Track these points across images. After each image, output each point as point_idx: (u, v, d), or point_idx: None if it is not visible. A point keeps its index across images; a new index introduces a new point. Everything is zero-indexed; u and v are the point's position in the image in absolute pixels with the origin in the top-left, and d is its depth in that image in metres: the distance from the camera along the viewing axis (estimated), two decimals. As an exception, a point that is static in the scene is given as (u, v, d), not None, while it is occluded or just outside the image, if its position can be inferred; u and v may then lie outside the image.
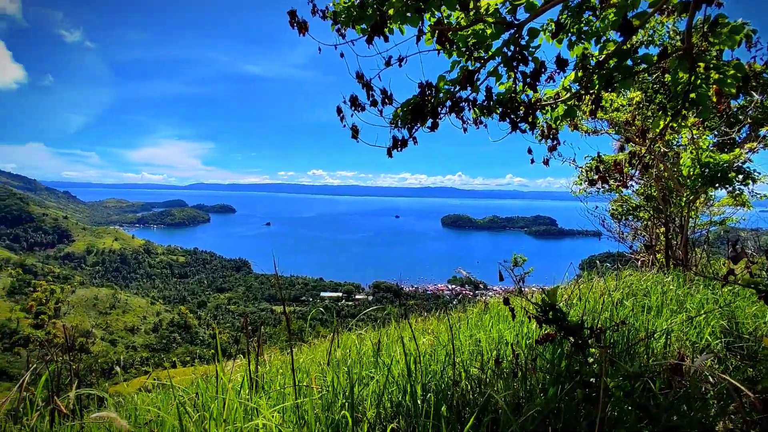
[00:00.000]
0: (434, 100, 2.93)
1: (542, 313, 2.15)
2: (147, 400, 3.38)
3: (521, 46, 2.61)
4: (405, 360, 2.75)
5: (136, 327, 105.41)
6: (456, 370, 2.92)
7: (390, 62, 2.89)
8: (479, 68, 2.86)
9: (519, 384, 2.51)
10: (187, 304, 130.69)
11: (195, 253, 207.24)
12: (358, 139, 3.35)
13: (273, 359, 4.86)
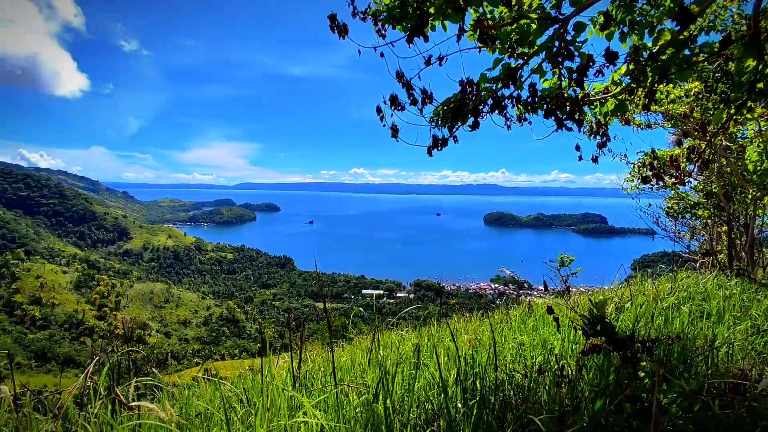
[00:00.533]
0: (475, 99, 2.87)
1: (589, 326, 2.04)
2: (198, 393, 3.53)
3: (567, 42, 2.49)
4: (440, 361, 2.72)
5: (188, 320, 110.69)
6: (498, 374, 2.86)
7: (430, 61, 2.85)
8: (522, 65, 2.77)
9: (564, 393, 2.42)
10: (234, 299, 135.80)
11: (242, 250, 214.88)
12: (398, 138, 3.34)
13: (316, 356, 4.94)
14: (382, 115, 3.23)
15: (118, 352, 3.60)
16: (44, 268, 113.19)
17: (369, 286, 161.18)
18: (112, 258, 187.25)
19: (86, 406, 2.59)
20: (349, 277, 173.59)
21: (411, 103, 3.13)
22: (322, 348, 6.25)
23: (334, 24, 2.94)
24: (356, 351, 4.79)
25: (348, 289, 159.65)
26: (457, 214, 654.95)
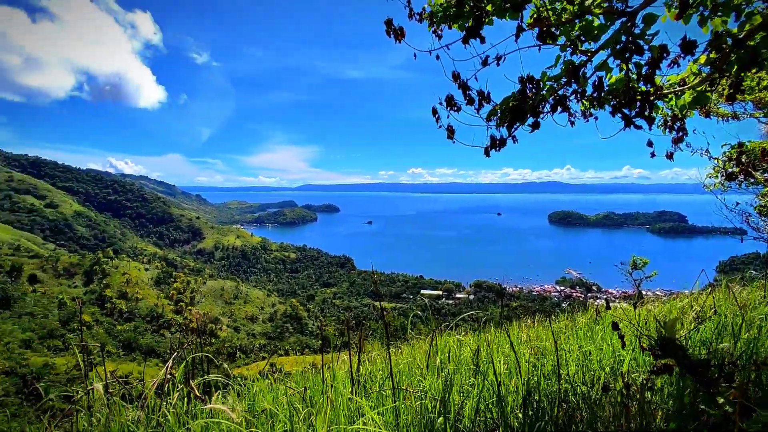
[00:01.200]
0: (535, 98, 2.76)
1: (659, 348, 1.86)
2: (264, 388, 3.68)
3: (635, 35, 2.32)
4: (499, 369, 2.64)
5: (255, 316, 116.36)
6: (561, 385, 2.73)
7: (487, 61, 2.78)
8: (585, 62, 2.62)
9: (634, 411, 2.25)
10: (297, 297, 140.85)
11: (304, 250, 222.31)
12: (453, 139, 3.30)
13: (375, 357, 4.99)
14: (438, 116, 3.20)
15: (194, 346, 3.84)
16: (129, 265, 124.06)
17: (428, 287, 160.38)
18: (187, 257, 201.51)
19: (166, 397, 2.81)
20: (407, 277, 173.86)
21: (467, 103, 3.08)
22: (381, 348, 6.30)
23: (390, 29, 2.96)
24: (415, 353, 4.79)
25: (406, 289, 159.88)
26: (520, 213, 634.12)
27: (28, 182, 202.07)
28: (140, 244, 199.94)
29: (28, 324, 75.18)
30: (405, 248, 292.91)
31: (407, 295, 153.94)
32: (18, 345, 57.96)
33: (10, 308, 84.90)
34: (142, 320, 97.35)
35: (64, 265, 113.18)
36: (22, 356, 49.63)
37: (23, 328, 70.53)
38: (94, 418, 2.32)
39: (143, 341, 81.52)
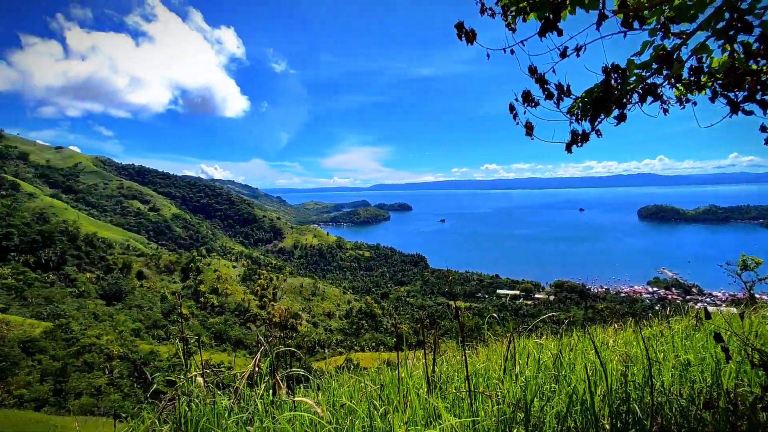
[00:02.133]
0: (621, 88, 2.56)
1: None
2: (343, 383, 3.79)
3: (741, 11, 2.04)
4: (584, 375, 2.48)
5: (332, 312, 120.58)
6: (655, 397, 2.51)
7: (566, 53, 2.63)
8: (680, 45, 2.37)
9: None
10: (372, 295, 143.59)
11: (378, 249, 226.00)
12: (532, 136, 3.17)
13: (450, 357, 4.95)
14: (515, 112, 3.10)
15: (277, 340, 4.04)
16: (219, 263, 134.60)
17: (504, 286, 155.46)
18: (269, 255, 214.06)
19: (255, 388, 3.01)
20: (482, 276, 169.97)
21: (546, 97, 2.95)
22: (457, 348, 6.23)
23: (461, 32, 2.91)
24: (492, 355, 4.68)
25: (481, 289, 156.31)
26: (605, 208, 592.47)
27: (135, 189, 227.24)
28: (228, 244, 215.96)
29: (137, 315, 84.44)
30: (479, 246, 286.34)
31: (482, 295, 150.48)
32: (129, 333, 65.41)
33: (123, 300, 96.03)
34: (231, 314, 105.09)
35: (165, 262, 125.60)
36: (133, 343, 55.99)
37: (133, 319, 79.37)
38: (193, 404, 2.56)
39: (232, 333, 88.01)
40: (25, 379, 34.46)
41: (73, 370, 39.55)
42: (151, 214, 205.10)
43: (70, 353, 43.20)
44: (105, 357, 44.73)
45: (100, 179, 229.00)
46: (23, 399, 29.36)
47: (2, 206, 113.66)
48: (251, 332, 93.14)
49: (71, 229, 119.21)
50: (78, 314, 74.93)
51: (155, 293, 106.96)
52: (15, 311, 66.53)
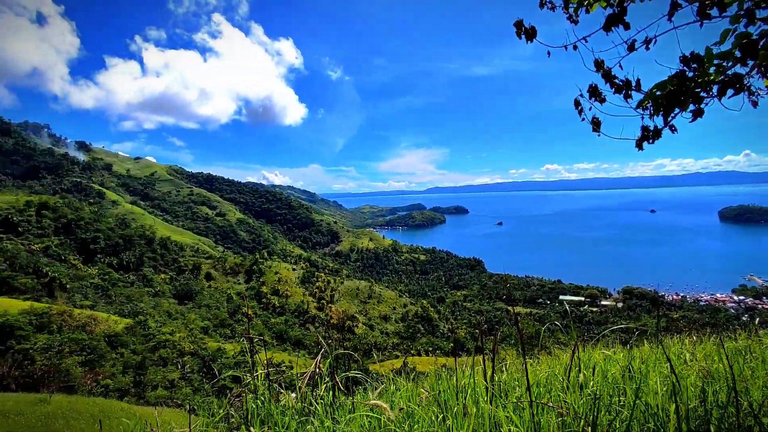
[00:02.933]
0: (699, 80, 2.36)
1: None
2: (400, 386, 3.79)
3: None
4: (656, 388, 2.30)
5: (388, 316, 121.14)
6: (741, 417, 2.28)
7: (634, 46, 2.47)
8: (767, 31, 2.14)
9: None
10: (428, 299, 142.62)
11: (433, 252, 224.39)
12: (599, 132, 3.02)
13: (510, 365, 4.80)
14: (581, 108, 2.97)
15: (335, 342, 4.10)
16: (280, 266, 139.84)
17: (567, 292, 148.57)
18: (327, 258, 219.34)
19: (315, 388, 3.09)
20: (543, 282, 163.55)
21: (614, 92, 2.80)
22: (517, 356, 6.03)
23: (520, 30, 2.83)
24: (554, 365, 4.48)
25: (542, 294, 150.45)
26: (680, 209, 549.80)
27: (203, 195, 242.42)
28: (288, 247, 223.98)
29: (206, 313, 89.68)
30: (540, 250, 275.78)
31: (543, 301, 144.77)
32: (199, 331, 69.58)
33: (193, 300, 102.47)
34: (291, 314, 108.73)
35: (230, 264, 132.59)
36: (202, 340, 59.45)
37: (202, 317, 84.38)
38: (258, 401, 2.68)
39: (292, 333, 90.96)
40: (110, 370, 37.67)
41: (150, 363, 42.71)
42: (217, 218, 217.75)
43: (148, 348, 46.70)
44: (178, 353, 47.89)
45: (173, 187, 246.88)
46: (109, 388, 32.05)
47: (90, 213, 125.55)
48: (310, 333, 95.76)
49: (148, 234, 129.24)
50: (154, 312, 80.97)
51: (222, 293, 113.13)
52: (101, 308, 73.05)
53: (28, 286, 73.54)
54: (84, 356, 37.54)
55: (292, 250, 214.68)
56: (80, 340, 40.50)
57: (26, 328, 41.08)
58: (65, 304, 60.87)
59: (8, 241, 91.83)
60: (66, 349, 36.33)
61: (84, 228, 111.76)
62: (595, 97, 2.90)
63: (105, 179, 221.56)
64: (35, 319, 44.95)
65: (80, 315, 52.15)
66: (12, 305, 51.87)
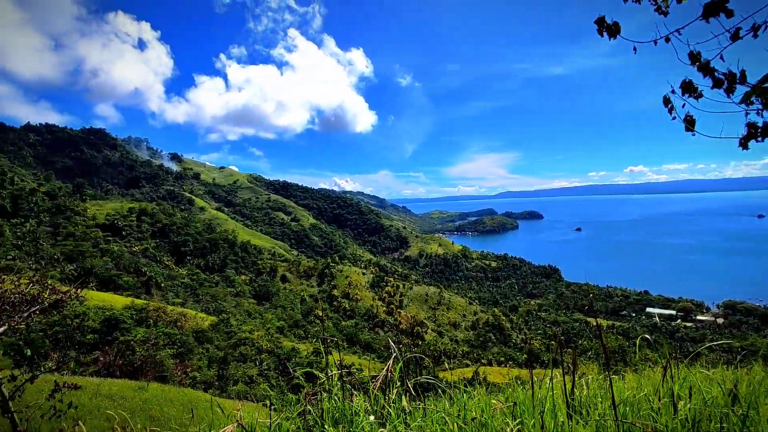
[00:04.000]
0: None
1: None
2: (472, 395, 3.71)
3: None
4: None
5: (458, 323, 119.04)
6: None
7: (738, 34, 2.23)
8: None
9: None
10: (499, 307, 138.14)
11: (505, 259, 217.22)
12: (693, 131, 2.77)
13: (590, 381, 4.51)
14: (671, 106, 2.74)
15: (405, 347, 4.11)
16: (350, 270, 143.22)
17: (655, 304, 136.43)
18: (396, 263, 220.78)
19: (387, 392, 3.12)
20: (628, 292, 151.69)
21: (713, 86, 2.55)
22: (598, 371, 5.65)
23: (602, 27, 2.68)
24: (642, 383, 4.14)
25: (627, 306, 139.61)
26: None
27: (279, 201, 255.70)
28: (358, 252, 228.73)
29: (281, 314, 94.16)
30: (624, 258, 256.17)
31: (628, 313, 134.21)
32: (275, 330, 73.18)
33: (270, 300, 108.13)
34: (360, 318, 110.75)
35: (303, 268, 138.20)
36: (278, 340, 62.43)
37: (278, 317, 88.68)
38: (332, 400, 2.76)
39: (362, 337, 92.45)
40: (197, 363, 40.80)
41: (231, 359, 45.68)
42: (292, 224, 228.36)
43: (230, 345, 49.98)
44: (256, 350, 50.73)
45: (252, 194, 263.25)
46: (196, 380, 34.71)
47: (181, 218, 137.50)
48: (379, 337, 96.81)
49: (231, 238, 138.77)
50: (235, 311, 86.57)
51: (296, 295, 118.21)
52: (190, 306, 79.48)
53: (130, 283, 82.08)
54: (175, 349, 41.09)
55: (362, 255, 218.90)
56: (172, 335, 44.42)
57: (128, 321, 45.84)
58: (160, 301, 67.15)
59: (114, 244, 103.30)
60: (160, 342, 40.02)
61: (176, 232, 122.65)
62: (689, 93, 2.66)
63: (194, 187, 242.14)
64: (135, 313, 50.04)
65: (173, 311, 57.23)
66: (117, 300, 58.26)
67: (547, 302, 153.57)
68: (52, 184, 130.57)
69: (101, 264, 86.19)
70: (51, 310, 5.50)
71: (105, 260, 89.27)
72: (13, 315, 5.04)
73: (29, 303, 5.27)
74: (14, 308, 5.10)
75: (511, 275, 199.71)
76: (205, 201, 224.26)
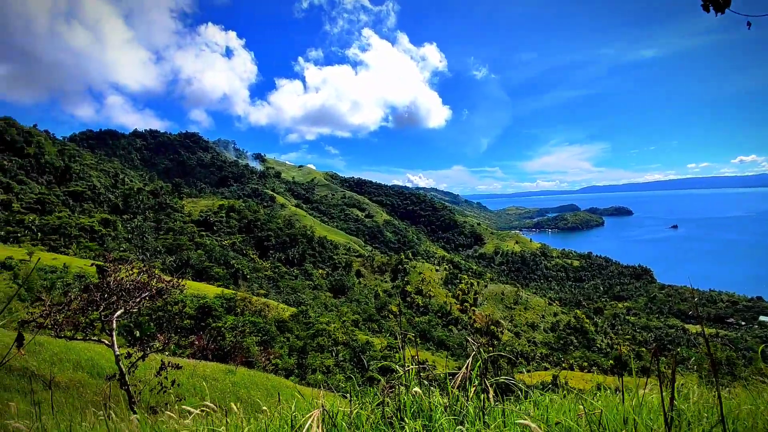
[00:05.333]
0: None
1: None
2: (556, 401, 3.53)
3: None
4: None
5: (536, 324, 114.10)
6: None
7: None
8: None
9: None
10: (582, 309, 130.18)
11: (589, 258, 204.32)
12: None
13: (690, 394, 4.09)
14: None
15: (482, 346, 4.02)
16: (423, 266, 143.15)
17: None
18: (470, 260, 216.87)
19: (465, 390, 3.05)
20: (736, 298, 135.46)
21: None
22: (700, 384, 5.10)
23: (708, 1, 2.39)
24: (757, 399, 3.66)
25: (734, 313, 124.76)
26: None
27: (354, 198, 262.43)
28: (431, 248, 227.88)
29: (356, 308, 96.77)
30: (729, 259, 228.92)
31: (736, 321, 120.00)
32: (350, 323, 75.45)
33: (345, 294, 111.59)
34: (434, 315, 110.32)
35: (377, 263, 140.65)
36: (353, 332, 64.32)
37: (353, 311, 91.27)
38: (409, 395, 2.76)
39: (435, 333, 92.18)
40: (279, 351, 43.32)
41: (310, 349, 47.89)
42: (366, 220, 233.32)
43: (308, 335, 52.43)
44: (332, 341, 52.70)
45: (329, 191, 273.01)
46: (278, 367, 36.84)
47: (264, 214, 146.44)
48: (452, 335, 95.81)
49: (309, 233, 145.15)
50: (313, 303, 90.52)
51: (370, 290, 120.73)
52: (272, 297, 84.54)
53: (220, 274, 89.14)
54: (260, 337, 43.99)
55: (435, 251, 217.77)
56: (257, 323, 47.55)
57: (219, 309, 49.86)
58: (246, 292, 72.18)
59: (207, 238, 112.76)
60: (247, 329, 43.05)
61: (260, 227, 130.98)
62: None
63: (275, 185, 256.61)
64: (225, 302, 54.32)
65: (257, 301, 61.25)
66: (209, 290, 63.61)
67: (636, 305, 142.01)
68: (155, 183, 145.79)
69: (196, 256, 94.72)
70: (157, 297, 6.17)
71: (199, 253, 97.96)
72: (128, 300, 5.76)
73: (140, 290, 5.96)
74: (129, 294, 5.81)
75: (595, 275, 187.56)
76: (286, 198, 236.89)
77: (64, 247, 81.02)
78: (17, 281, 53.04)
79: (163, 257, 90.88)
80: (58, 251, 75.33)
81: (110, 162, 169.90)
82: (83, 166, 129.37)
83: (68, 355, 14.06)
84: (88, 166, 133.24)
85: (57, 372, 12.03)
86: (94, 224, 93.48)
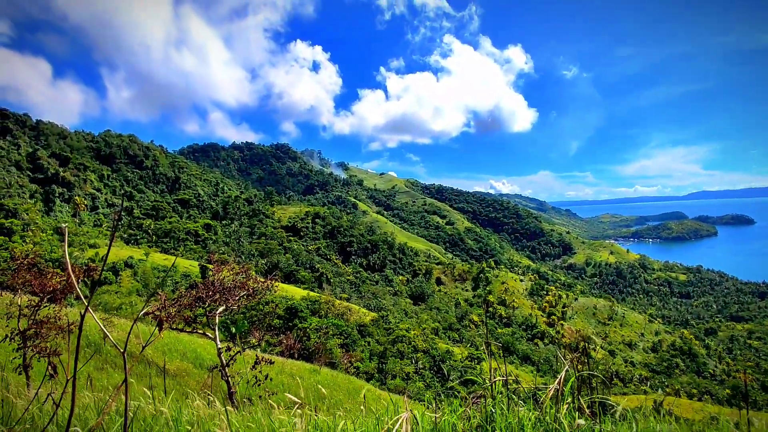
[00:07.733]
0: None
1: None
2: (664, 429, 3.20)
3: None
4: None
5: (634, 342, 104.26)
6: None
7: None
8: None
9: None
10: (690, 329, 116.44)
11: (698, 272, 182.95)
12: None
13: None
14: None
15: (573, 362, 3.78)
16: (507, 275, 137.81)
17: None
18: (557, 270, 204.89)
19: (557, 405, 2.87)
20: None
21: None
22: None
23: None
24: None
25: None
26: None
27: (435, 205, 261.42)
28: (515, 257, 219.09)
29: (436, 315, 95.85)
30: None
31: None
32: (430, 331, 74.94)
33: (425, 301, 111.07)
34: (518, 327, 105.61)
35: (458, 271, 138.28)
36: (433, 340, 63.78)
37: (433, 318, 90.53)
38: (498, 406, 2.65)
39: (519, 347, 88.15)
40: (360, 355, 44.27)
41: (390, 354, 48.33)
42: (447, 227, 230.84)
43: (388, 340, 52.96)
44: (412, 348, 52.69)
45: (409, 198, 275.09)
46: (359, 370, 37.65)
47: (347, 221, 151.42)
48: (538, 349, 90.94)
49: (389, 240, 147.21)
50: (393, 309, 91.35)
51: (450, 298, 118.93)
52: (354, 301, 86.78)
53: (306, 278, 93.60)
54: (342, 339, 45.40)
55: (520, 261, 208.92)
56: (340, 326, 49.15)
57: (305, 311, 52.33)
58: (330, 295, 75.00)
59: (294, 243, 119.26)
60: (330, 331, 44.68)
61: (343, 233, 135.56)
62: None
63: (358, 192, 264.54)
64: (310, 304, 56.94)
65: (340, 305, 63.34)
66: (296, 292, 67.13)
67: (761, 328, 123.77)
68: (250, 192, 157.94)
69: (284, 260, 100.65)
70: (252, 297, 6.72)
71: (287, 257, 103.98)
72: (229, 298, 6.36)
73: (239, 289, 6.55)
74: (230, 292, 6.41)
75: (706, 292, 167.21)
76: (367, 205, 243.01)
77: (173, 249, 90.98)
78: (136, 278, 60.58)
79: (256, 260, 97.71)
80: (168, 252, 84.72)
81: (212, 172, 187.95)
82: (190, 177, 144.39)
83: (176, 346, 15.72)
84: (194, 176, 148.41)
85: (167, 361, 13.46)
86: (198, 229, 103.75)
